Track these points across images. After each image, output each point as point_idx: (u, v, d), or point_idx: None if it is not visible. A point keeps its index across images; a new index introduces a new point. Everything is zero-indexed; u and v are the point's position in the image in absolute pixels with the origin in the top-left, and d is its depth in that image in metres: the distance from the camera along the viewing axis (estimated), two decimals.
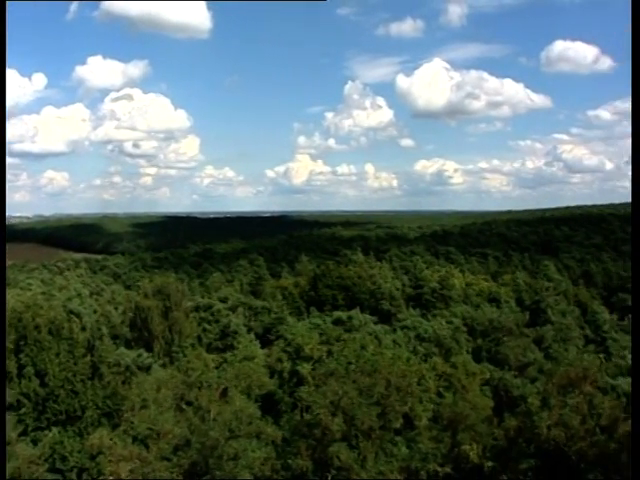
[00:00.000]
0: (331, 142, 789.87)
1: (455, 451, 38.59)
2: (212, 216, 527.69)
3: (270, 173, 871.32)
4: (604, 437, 31.28)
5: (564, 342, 67.14)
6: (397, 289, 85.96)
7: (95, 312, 74.65)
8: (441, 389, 47.39)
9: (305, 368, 49.69)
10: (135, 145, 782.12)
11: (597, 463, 31.33)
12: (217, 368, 51.67)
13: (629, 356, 47.96)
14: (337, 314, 66.57)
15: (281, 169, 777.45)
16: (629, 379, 39.09)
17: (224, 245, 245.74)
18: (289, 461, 36.54)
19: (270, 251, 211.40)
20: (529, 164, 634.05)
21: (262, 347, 62.57)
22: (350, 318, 64.10)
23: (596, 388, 33.86)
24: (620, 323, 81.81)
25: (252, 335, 65.08)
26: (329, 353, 51.21)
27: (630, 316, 72.67)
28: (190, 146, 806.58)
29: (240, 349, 58.37)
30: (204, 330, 63.60)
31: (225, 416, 36.86)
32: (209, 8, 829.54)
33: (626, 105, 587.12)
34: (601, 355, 52.53)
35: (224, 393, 43.23)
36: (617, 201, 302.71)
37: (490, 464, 36.53)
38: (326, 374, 39.50)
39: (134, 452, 34.60)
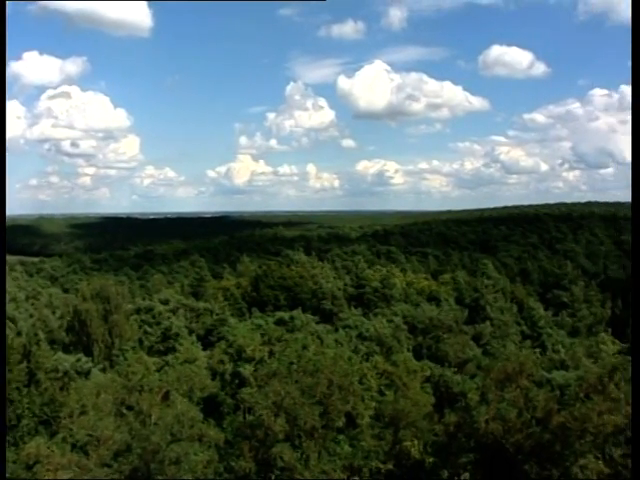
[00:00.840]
0: (273, 142, 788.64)
1: (397, 448, 39.14)
2: (152, 217, 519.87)
3: (211, 173, 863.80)
4: (539, 429, 32.16)
5: (502, 338, 68.76)
6: (339, 289, 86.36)
7: (31, 317, 72.72)
8: (382, 387, 47.86)
9: (247, 369, 49.57)
10: (73, 144, 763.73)
11: (533, 454, 32.22)
12: (158, 371, 51.03)
13: (563, 350, 49.58)
14: (279, 314, 66.59)
15: (222, 169, 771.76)
16: (563, 372, 40.43)
17: (165, 246, 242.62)
18: (232, 463, 36.38)
19: (211, 252, 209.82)
20: (468, 165, 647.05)
21: (204, 349, 62.04)
22: (292, 318, 64.19)
23: (532, 382, 34.76)
24: (555, 319, 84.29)
25: (194, 337, 64.48)
26: (271, 354, 51.20)
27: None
28: (130, 146, 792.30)
29: (181, 351, 57.76)
30: (145, 333, 62.65)
31: (166, 420, 36.44)
32: (150, 6, 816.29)
33: (559, 109, 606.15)
34: (537, 350, 54.14)
35: (165, 396, 42.77)
36: (552, 201, 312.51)
37: (431, 459, 37.17)
38: (268, 375, 39.44)
39: (73, 460, 33.87)
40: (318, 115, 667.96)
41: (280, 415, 36.14)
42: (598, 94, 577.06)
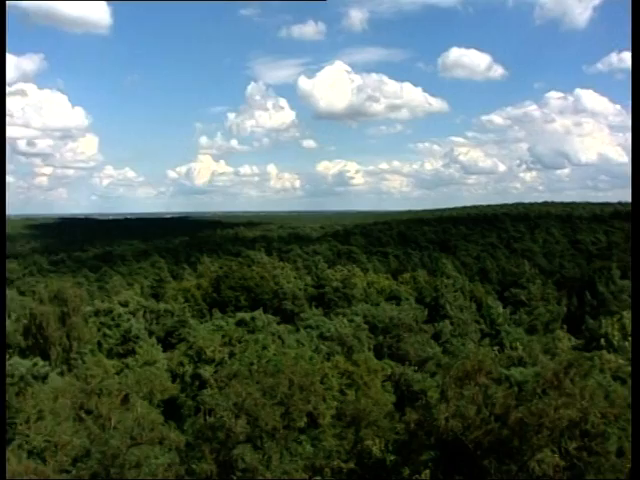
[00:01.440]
0: (233, 142, 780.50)
1: (358, 447, 39.34)
2: (112, 217, 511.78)
3: (172, 174, 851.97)
4: (498, 425, 32.59)
5: (461, 336, 69.60)
6: (300, 289, 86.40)
7: None
8: (344, 387, 48.07)
9: (207, 371, 49.33)
10: (29, 143, 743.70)
11: (491, 450, 32.69)
12: (118, 374, 50.48)
13: (520, 347, 50.39)
14: (240, 315, 66.29)
15: (183, 169, 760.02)
16: (521, 369, 41.08)
17: (124, 247, 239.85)
18: (193, 466, 36.16)
19: (172, 253, 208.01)
20: (428, 166, 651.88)
21: (164, 351, 61.49)
22: (253, 319, 63.97)
23: (490, 379, 35.19)
24: (513, 316, 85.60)
25: (154, 339, 63.82)
26: (232, 355, 51.09)
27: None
28: (88, 145, 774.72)
29: (141, 354, 57.16)
30: (104, 335, 61.78)
31: (126, 423, 36.09)
32: (109, 4, 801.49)
33: (517, 111, 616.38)
34: (495, 347, 55.01)
35: (125, 400, 42.34)
36: (510, 201, 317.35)
37: (392, 458, 37.45)
38: (229, 376, 39.38)
39: (30, 467, 33.23)
40: (279, 115, 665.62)
41: (241, 416, 36.04)
42: (554, 97, 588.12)
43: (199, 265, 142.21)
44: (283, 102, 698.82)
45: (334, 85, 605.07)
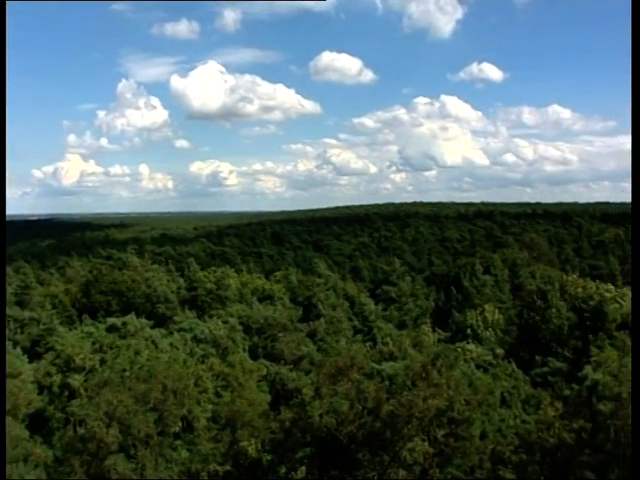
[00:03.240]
0: (103, 141, 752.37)
1: (234, 448, 39.22)
2: None
3: (37, 173, 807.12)
4: (370, 418, 33.56)
5: (335, 334, 70.75)
6: (173, 291, 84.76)
7: None
8: (219, 389, 47.70)
9: (77, 380, 47.44)
10: None
11: (365, 442, 33.63)
12: None
13: (391, 342, 52.00)
14: (111, 320, 64.09)
15: (49, 169, 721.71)
16: (392, 363, 42.35)
17: None
18: None
19: (38, 257, 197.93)
20: (301, 167, 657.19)
21: (30, 361, 58.32)
22: (125, 324, 62.06)
23: (362, 374, 36.11)
24: (384, 313, 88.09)
25: (18, 350, 60.38)
26: (103, 362, 49.41)
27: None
28: None
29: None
30: None
31: None
32: None
33: (386, 115, 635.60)
34: (368, 343, 56.42)
35: None
36: (381, 201, 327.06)
37: (268, 457, 37.55)
38: (99, 384, 38.08)
39: None
40: (151, 114, 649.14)
41: (113, 425, 34.97)
42: (421, 102, 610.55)
43: (67, 269, 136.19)
44: (155, 101, 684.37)
45: (207, 85, 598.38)
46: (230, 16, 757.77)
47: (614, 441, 31.37)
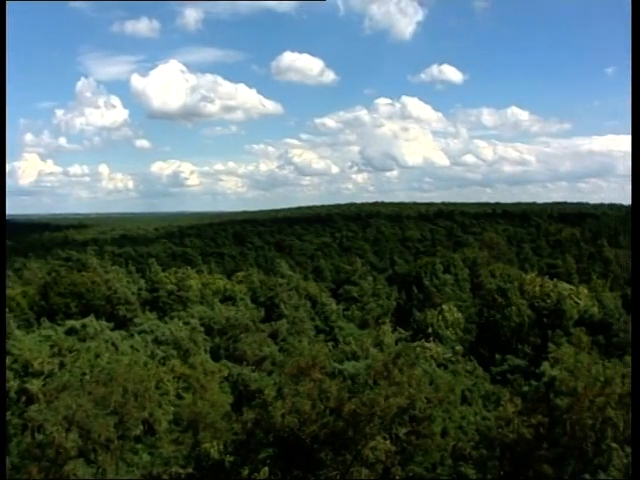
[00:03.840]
0: (62, 141, 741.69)
1: (196, 450, 39.02)
2: None
3: None
4: (333, 417, 33.67)
5: (297, 334, 70.74)
6: (133, 293, 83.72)
7: None
8: (180, 391, 47.31)
9: (35, 385, 46.45)
10: None
11: (327, 442, 33.74)
12: None
13: (353, 342, 52.16)
14: (70, 323, 62.96)
15: (6, 169, 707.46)
16: (354, 362, 42.54)
17: None
18: None
19: None
20: (263, 167, 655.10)
21: None
22: (84, 326, 61.03)
23: (324, 374, 36.22)
24: (346, 312, 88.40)
25: None
26: (62, 365, 48.58)
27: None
28: None
29: None
30: None
31: None
32: None
33: (348, 115, 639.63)
34: (329, 343, 56.54)
35: None
36: (342, 202, 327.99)
37: (231, 459, 37.42)
38: (58, 388, 37.55)
39: None
40: (111, 114, 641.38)
41: (72, 430, 34.48)
42: (382, 103, 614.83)
43: (25, 271, 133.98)
44: (115, 100, 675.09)
45: (168, 84, 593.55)
46: (191, 15, 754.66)
47: (570, 435, 32.09)
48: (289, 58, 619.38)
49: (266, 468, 35.20)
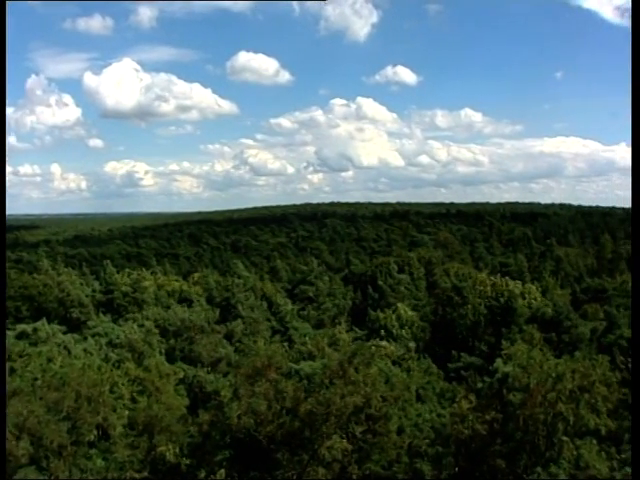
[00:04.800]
0: (12, 140, 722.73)
1: (152, 454, 38.58)
2: None
3: None
4: (289, 417, 33.76)
5: (253, 335, 70.54)
6: (87, 295, 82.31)
7: None
8: (135, 394, 46.60)
9: None
10: None
11: (284, 442, 33.81)
12: None
13: (309, 342, 52.29)
14: (21, 327, 61.61)
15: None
16: (310, 362, 42.63)
17: None
18: None
19: None
20: (218, 167, 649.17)
21: None
22: (36, 330, 59.83)
23: (280, 374, 36.24)
24: (302, 312, 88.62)
25: None
26: (12, 371, 47.52)
27: None
28: None
29: None
30: None
31: None
32: None
33: (304, 115, 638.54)
34: (285, 343, 56.56)
35: None
36: (298, 202, 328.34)
37: (187, 461, 37.19)
38: (8, 394, 36.61)
39: None
40: (63, 112, 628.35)
41: (23, 437, 33.74)
42: (338, 103, 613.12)
43: None
44: (67, 98, 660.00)
45: (122, 83, 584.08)
46: (145, 13, 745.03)
47: (523, 430, 32.77)
48: (244, 58, 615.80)
49: (223, 470, 35.10)
